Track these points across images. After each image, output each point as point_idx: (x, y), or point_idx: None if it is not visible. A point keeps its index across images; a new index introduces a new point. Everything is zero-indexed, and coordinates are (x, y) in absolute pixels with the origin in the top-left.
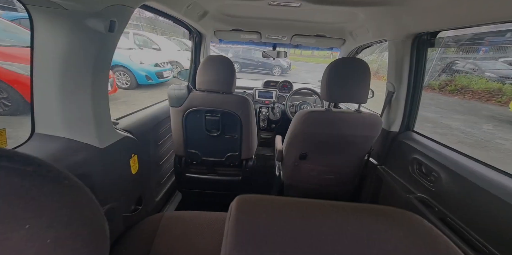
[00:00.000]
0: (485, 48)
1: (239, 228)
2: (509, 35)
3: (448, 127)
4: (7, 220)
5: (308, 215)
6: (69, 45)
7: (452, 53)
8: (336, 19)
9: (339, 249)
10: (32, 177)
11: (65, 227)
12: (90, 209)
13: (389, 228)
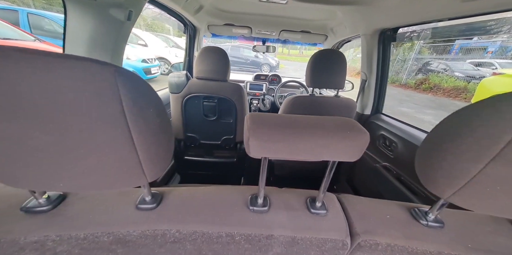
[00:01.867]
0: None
1: (255, 122)
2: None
3: (421, 120)
4: (145, 106)
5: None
6: (94, 31)
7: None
8: (318, 16)
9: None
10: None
11: (162, 118)
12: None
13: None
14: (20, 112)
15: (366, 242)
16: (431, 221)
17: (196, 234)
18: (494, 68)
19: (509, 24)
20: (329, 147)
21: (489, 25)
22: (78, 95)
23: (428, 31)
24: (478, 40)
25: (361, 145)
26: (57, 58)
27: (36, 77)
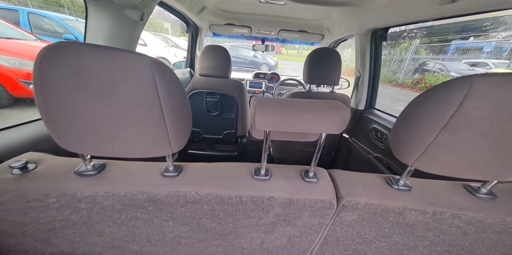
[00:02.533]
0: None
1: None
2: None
3: None
4: (172, 91)
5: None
6: (111, 29)
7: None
8: (315, 16)
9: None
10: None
11: (183, 99)
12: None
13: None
14: (88, 89)
15: (349, 203)
16: (401, 185)
17: (211, 195)
18: (489, 68)
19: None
20: (317, 121)
21: (467, 25)
22: (125, 78)
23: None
24: (474, 40)
25: (342, 119)
26: (110, 50)
27: (98, 63)
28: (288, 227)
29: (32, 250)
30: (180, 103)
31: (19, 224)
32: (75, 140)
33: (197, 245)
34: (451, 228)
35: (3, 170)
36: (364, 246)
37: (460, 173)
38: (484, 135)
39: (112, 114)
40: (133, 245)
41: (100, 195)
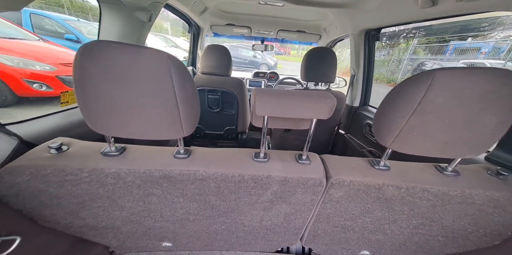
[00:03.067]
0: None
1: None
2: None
3: None
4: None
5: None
6: (122, 30)
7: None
8: (312, 17)
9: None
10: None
11: (193, 89)
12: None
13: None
14: (116, 79)
15: (336, 180)
16: (381, 166)
17: (217, 174)
18: None
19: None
20: (307, 107)
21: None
22: (146, 70)
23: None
24: (472, 41)
25: (329, 106)
26: (134, 47)
27: (124, 58)
28: (284, 205)
29: (63, 221)
30: (191, 92)
31: (55, 196)
32: (104, 123)
33: (203, 222)
34: (422, 201)
35: (43, 150)
36: (351, 222)
37: (428, 152)
38: (444, 119)
39: (134, 100)
40: (148, 221)
41: (123, 172)
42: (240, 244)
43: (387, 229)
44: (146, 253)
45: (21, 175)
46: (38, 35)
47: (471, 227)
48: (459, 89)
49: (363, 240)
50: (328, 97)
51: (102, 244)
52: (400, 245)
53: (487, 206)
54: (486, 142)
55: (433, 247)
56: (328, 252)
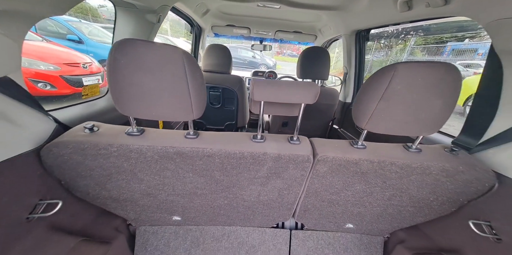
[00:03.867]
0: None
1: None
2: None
3: None
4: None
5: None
6: (134, 30)
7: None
8: (307, 19)
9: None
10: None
11: (202, 79)
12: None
13: None
14: (141, 70)
15: (321, 157)
16: (359, 145)
17: (221, 151)
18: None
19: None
20: (297, 93)
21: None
22: (165, 62)
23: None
24: (469, 42)
25: (314, 93)
26: (154, 43)
27: (148, 53)
28: (278, 180)
29: (92, 192)
30: (200, 81)
31: (89, 167)
32: (130, 106)
33: (209, 196)
34: (392, 174)
35: (79, 130)
36: (335, 196)
37: (393, 131)
38: (403, 103)
39: (155, 87)
40: (162, 194)
41: (144, 148)
42: (241, 219)
43: (366, 201)
44: (158, 227)
45: (65, 148)
46: (41, 36)
47: (432, 196)
48: (414, 79)
49: (347, 213)
50: (313, 86)
51: (121, 216)
52: (378, 216)
53: (441, 176)
54: (436, 122)
55: (405, 217)
56: (318, 226)
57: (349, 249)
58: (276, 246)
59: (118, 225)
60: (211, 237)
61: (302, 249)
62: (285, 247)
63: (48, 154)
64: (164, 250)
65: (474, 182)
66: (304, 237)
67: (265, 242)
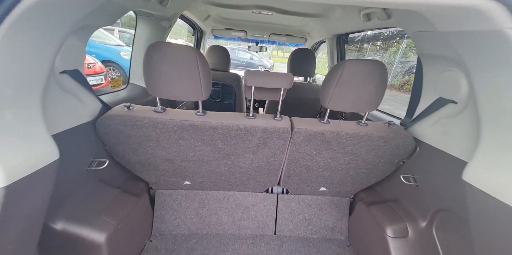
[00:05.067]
0: None
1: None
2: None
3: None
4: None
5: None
6: (150, 34)
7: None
8: (297, 24)
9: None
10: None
11: (209, 70)
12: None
13: None
14: (167, 62)
15: (297, 130)
16: (325, 121)
17: (223, 124)
18: None
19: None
20: (277, 80)
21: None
22: (183, 57)
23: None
24: None
25: (289, 80)
26: (176, 44)
27: (171, 51)
28: (266, 149)
29: (127, 157)
30: (207, 72)
31: (127, 135)
32: (157, 88)
33: (213, 163)
34: (348, 141)
35: (121, 108)
36: (309, 162)
37: (346, 108)
38: (350, 88)
39: (176, 75)
40: (177, 160)
41: (167, 121)
42: (238, 184)
43: (332, 166)
44: (172, 190)
45: (113, 120)
46: None
47: (377, 159)
48: (356, 71)
49: (320, 177)
50: (289, 75)
51: (145, 181)
52: (343, 179)
53: (380, 141)
54: (373, 102)
55: (362, 179)
56: (299, 191)
57: (323, 208)
58: (266, 207)
59: (142, 188)
60: (214, 199)
61: (286, 209)
62: (273, 208)
63: (101, 124)
64: (177, 209)
65: (402, 145)
66: (288, 200)
67: (257, 204)
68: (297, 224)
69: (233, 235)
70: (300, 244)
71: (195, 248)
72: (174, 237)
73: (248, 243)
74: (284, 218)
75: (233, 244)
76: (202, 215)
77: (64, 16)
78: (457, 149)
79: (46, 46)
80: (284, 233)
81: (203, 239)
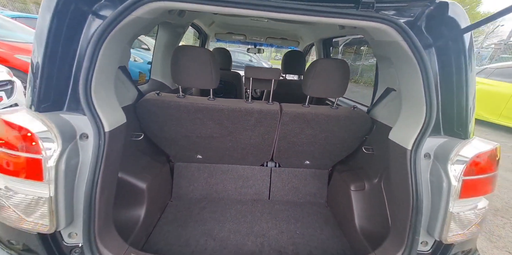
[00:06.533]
0: None
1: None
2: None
3: None
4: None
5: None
6: (168, 39)
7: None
8: (290, 28)
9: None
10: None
11: (217, 63)
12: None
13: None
14: (188, 59)
15: (285, 111)
16: (306, 105)
17: (229, 107)
18: None
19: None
20: (269, 73)
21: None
22: (200, 55)
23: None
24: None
25: (278, 73)
26: (195, 47)
27: (192, 50)
28: (261, 127)
29: (155, 132)
30: (217, 67)
31: (157, 115)
32: (181, 79)
33: (220, 139)
34: (323, 120)
35: (152, 94)
36: (295, 139)
37: (321, 94)
38: (323, 78)
39: (194, 68)
40: (193, 136)
41: (188, 104)
42: (239, 159)
43: (313, 142)
44: (187, 163)
45: (148, 103)
46: None
47: (346, 135)
48: (326, 66)
49: (304, 152)
50: (277, 69)
51: (167, 153)
52: (322, 153)
53: (347, 121)
54: (340, 89)
55: (336, 152)
56: (288, 164)
57: (307, 179)
58: (262, 178)
59: (165, 160)
60: (220, 171)
61: (278, 179)
62: (267, 179)
63: (140, 106)
64: (191, 178)
65: (363, 124)
66: (280, 172)
67: (255, 175)
68: (286, 191)
69: (236, 199)
70: (289, 206)
71: (205, 207)
72: (189, 200)
73: (247, 205)
74: (276, 186)
75: (235, 205)
76: (210, 183)
77: (130, 31)
78: (393, 122)
79: (119, 50)
80: (276, 198)
81: (211, 202)
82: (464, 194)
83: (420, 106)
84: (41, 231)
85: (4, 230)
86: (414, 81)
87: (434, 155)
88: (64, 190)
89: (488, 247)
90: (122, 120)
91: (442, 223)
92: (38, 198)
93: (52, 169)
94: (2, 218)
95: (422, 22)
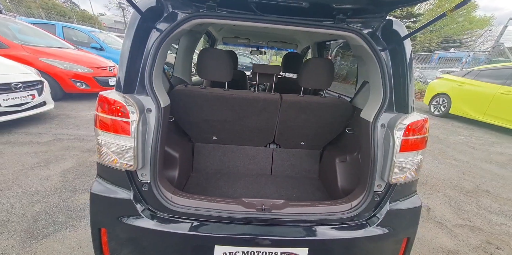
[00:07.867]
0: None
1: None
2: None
3: None
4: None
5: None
6: (188, 43)
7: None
8: (289, 33)
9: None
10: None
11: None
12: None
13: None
14: (210, 57)
15: (284, 99)
16: (301, 95)
17: (240, 96)
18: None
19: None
20: (272, 69)
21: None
22: (218, 54)
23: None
24: (454, 51)
25: (278, 69)
26: (216, 49)
27: (214, 51)
28: (265, 112)
29: (182, 116)
30: (231, 63)
31: (184, 102)
32: (205, 73)
33: (232, 123)
34: (314, 107)
35: (181, 86)
36: (293, 123)
37: (312, 86)
38: (313, 73)
39: (215, 64)
40: (210, 120)
41: (208, 93)
42: (245, 140)
43: (307, 125)
44: (205, 144)
45: (178, 92)
46: (74, 45)
47: (333, 119)
48: (314, 64)
49: (299, 135)
50: (278, 66)
51: (189, 135)
52: (313, 136)
53: (333, 107)
54: (326, 82)
55: (326, 134)
56: (287, 145)
57: (302, 158)
58: (265, 157)
59: (187, 140)
60: (231, 151)
61: (279, 158)
62: (270, 157)
63: (173, 95)
64: (208, 156)
65: (346, 110)
66: (280, 152)
67: (259, 154)
68: (286, 168)
69: (244, 174)
70: (288, 180)
71: (220, 178)
72: (207, 173)
73: (253, 178)
74: (277, 164)
75: (244, 178)
76: (223, 161)
77: (175, 38)
78: (365, 106)
79: (166, 52)
80: (277, 173)
81: (224, 175)
82: (403, 149)
83: (379, 92)
84: (127, 168)
85: (104, 170)
86: (376, 74)
87: (388, 125)
88: (141, 144)
89: (454, 218)
90: (168, 101)
91: (389, 170)
92: (127, 146)
93: (135, 128)
94: (103, 160)
95: (379, 32)
